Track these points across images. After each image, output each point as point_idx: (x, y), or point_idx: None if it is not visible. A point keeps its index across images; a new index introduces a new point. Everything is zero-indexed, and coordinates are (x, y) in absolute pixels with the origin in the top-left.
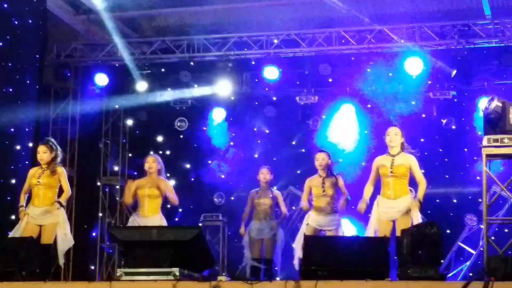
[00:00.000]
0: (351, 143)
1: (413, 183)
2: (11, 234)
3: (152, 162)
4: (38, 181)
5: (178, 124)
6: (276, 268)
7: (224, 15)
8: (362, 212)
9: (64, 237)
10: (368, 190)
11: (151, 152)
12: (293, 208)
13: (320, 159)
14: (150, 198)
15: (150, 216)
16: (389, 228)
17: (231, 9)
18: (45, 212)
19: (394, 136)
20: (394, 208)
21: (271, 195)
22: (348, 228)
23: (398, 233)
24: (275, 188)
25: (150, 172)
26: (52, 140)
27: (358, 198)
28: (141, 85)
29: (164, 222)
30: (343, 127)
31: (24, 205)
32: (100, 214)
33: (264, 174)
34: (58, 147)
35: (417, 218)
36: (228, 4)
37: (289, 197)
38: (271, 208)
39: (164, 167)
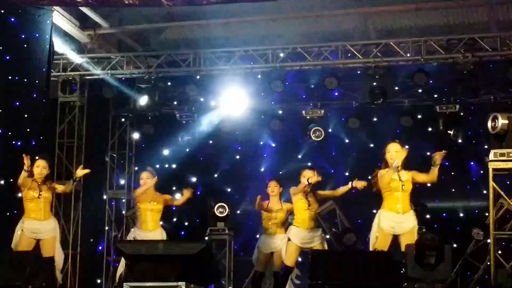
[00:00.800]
0: None
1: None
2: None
3: (145, 178)
4: (40, 195)
5: (185, 139)
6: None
7: (230, 29)
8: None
9: (60, 252)
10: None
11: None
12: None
13: (307, 176)
14: (153, 212)
15: (152, 230)
16: (389, 242)
17: (237, 23)
18: (44, 226)
19: (394, 153)
20: (402, 223)
21: (281, 208)
22: None
23: (402, 248)
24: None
25: (148, 187)
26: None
27: None
28: (143, 99)
29: (164, 236)
30: None
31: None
32: (107, 228)
33: (272, 187)
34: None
35: None
36: (234, 18)
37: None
38: (281, 221)
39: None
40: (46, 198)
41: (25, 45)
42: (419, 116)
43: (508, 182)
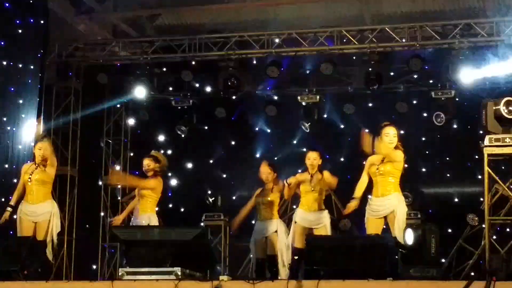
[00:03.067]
0: None
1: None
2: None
3: (146, 165)
4: (29, 178)
5: (182, 129)
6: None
7: (225, 14)
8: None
9: (53, 234)
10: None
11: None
12: (294, 207)
13: (312, 158)
14: (142, 198)
15: (141, 215)
16: (379, 225)
17: (232, 8)
18: (37, 209)
19: (393, 137)
20: (383, 205)
21: (272, 193)
22: None
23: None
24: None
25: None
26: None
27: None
28: (139, 91)
29: (154, 221)
30: None
31: (13, 204)
32: (102, 214)
33: (266, 174)
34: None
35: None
36: (229, 3)
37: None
38: (273, 206)
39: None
40: (38, 181)
41: (20, 31)
42: (415, 102)
43: (503, 167)
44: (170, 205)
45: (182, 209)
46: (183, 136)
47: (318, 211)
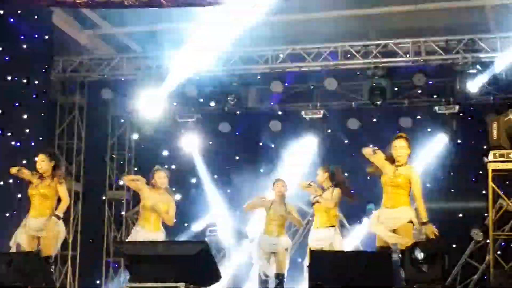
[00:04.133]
0: None
1: None
2: (11, 242)
3: (164, 177)
4: (33, 192)
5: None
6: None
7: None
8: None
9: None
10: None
11: (159, 167)
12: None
13: (319, 175)
14: (157, 213)
15: (154, 231)
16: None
17: None
18: (42, 224)
19: (400, 150)
20: (393, 218)
21: (285, 210)
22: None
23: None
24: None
25: (160, 187)
26: (53, 150)
27: None
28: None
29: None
30: None
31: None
32: (106, 228)
33: (280, 187)
34: (60, 158)
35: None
36: None
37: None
38: (282, 223)
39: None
40: (42, 195)
41: (24, 46)
42: (419, 117)
43: (507, 183)
44: (174, 220)
45: (186, 224)
46: (186, 151)
47: (325, 228)
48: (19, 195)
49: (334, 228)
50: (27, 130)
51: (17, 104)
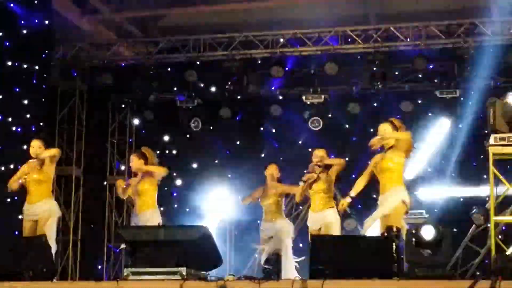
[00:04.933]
0: None
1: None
2: None
3: (131, 161)
4: (25, 178)
5: (193, 125)
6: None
7: (230, 14)
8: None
9: (51, 235)
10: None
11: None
12: (300, 207)
13: (319, 156)
14: (139, 195)
15: (142, 212)
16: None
17: (237, 8)
18: (35, 209)
19: (383, 132)
20: (384, 201)
21: (274, 193)
22: None
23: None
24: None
25: (137, 171)
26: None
27: None
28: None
29: (156, 217)
30: None
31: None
32: (107, 214)
33: (271, 170)
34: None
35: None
36: (234, 3)
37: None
38: (277, 205)
39: (153, 156)
40: (34, 180)
41: (25, 31)
42: (419, 101)
43: (508, 167)
44: (175, 205)
45: (187, 209)
46: (187, 136)
47: (321, 211)
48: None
49: (332, 208)
50: (28, 116)
51: (17, 90)
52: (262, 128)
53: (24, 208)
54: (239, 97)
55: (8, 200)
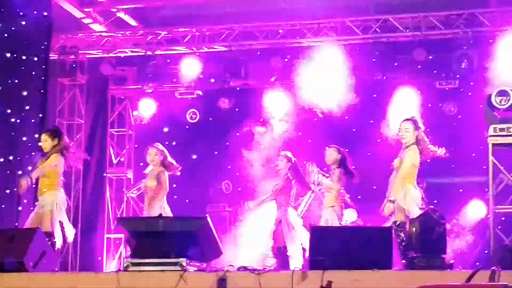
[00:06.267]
0: None
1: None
2: None
3: (154, 155)
4: (31, 171)
5: (190, 116)
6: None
7: (229, 5)
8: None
9: (55, 226)
10: None
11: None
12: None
13: (328, 154)
14: (147, 193)
15: (149, 208)
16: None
17: None
18: (41, 200)
19: (404, 132)
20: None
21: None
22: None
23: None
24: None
25: (153, 165)
26: (55, 127)
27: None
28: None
29: (166, 212)
30: None
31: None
32: (107, 205)
33: (275, 163)
34: (61, 134)
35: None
36: None
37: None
38: (280, 194)
39: (166, 154)
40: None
41: (23, 22)
42: (419, 92)
43: (507, 157)
44: (175, 196)
45: (187, 200)
46: (187, 127)
47: (326, 208)
48: (20, 172)
49: (333, 208)
50: (27, 108)
51: (16, 81)
52: (261, 119)
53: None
54: (238, 88)
55: (7, 191)
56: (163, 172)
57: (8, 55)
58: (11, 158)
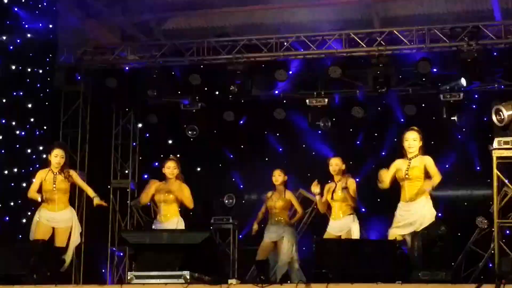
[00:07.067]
0: None
1: None
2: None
3: (173, 168)
4: (54, 187)
5: (189, 133)
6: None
7: (233, 18)
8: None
9: (76, 239)
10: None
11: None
12: (305, 211)
13: (334, 164)
14: (165, 203)
15: (166, 221)
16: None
17: (241, 12)
18: (58, 216)
19: (412, 142)
20: (409, 211)
21: (284, 197)
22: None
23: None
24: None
25: (169, 178)
26: (66, 144)
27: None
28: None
29: (181, 226)
30: None
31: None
32: (111, 217)
33: (276, 176)
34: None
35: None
36: (237, 7)
37: (299, 200)
38: (284, 210)
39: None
40: (60, 189)
41: (28, 35)
42: (423, 105)
43: None
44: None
45: (191, 213)
46: (192, 139)
47: (340, 219)
48: (24, 184)
49: (352, 215)
50: (32, 119)
51: (21, 93)
52: (265, 132)
53: (41, 213)
54: (242, 100)
55: (12, 204)
56: (185, 186)
57: (13, 67)
58: (15, 170)
